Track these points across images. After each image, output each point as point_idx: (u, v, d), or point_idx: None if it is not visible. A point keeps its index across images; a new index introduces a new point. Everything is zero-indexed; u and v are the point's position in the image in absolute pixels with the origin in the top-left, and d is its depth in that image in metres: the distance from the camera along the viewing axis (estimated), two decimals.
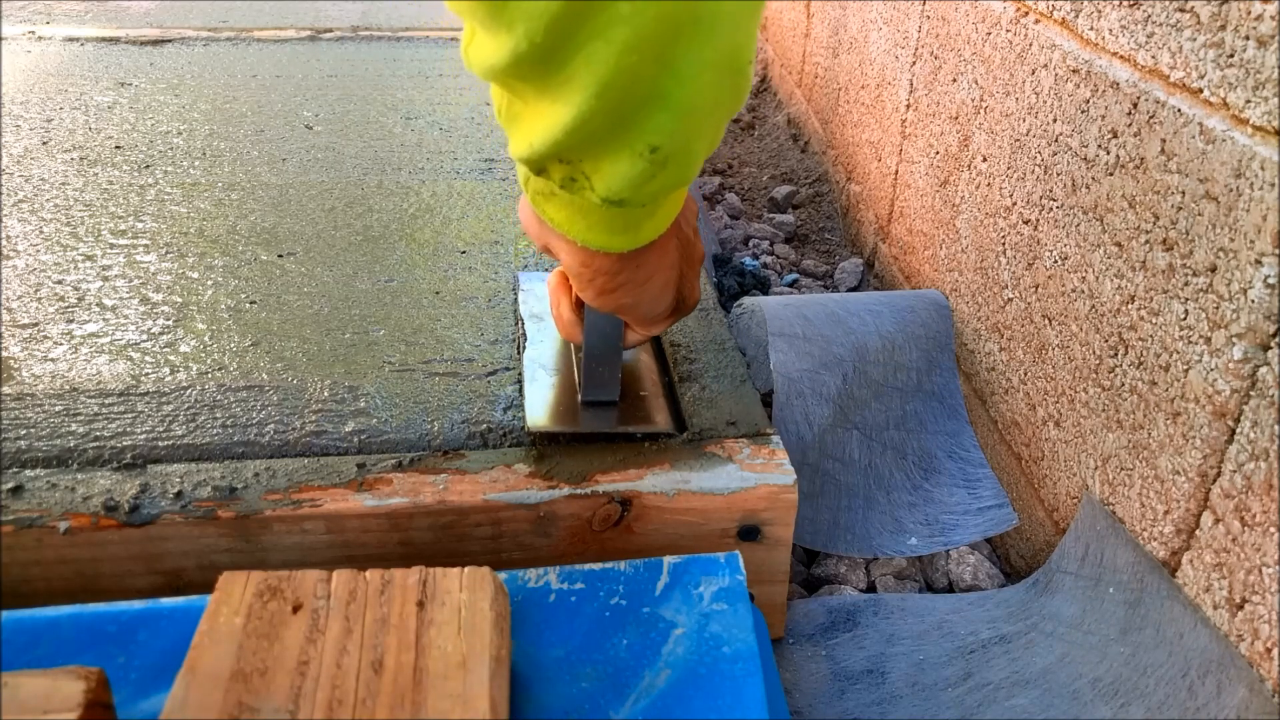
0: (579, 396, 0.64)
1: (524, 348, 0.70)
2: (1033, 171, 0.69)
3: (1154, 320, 0.55)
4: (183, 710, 0.38)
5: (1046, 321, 0.67)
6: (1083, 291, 0.62)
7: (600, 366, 0.62)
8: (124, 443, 0.59)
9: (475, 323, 0.74)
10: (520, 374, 0.67)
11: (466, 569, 0.44)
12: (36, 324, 0.71)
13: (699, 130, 0.41)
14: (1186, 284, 0.51)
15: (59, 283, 0.77)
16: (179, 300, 0.75)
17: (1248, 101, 0.47)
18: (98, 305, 0.74)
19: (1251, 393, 0.47)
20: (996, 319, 0.75)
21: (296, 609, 0.42)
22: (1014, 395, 0.73)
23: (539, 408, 0.63)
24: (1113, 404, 0.59)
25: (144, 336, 0.70)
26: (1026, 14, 0.70)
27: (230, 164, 1.00)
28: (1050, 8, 0.67)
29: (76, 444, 0.59)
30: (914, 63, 0.95)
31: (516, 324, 0.73)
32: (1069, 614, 0.60)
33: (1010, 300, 0.73)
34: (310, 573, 0.44)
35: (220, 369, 0.67)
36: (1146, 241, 0.55)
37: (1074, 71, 0.63)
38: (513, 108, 0.43)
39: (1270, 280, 0.45)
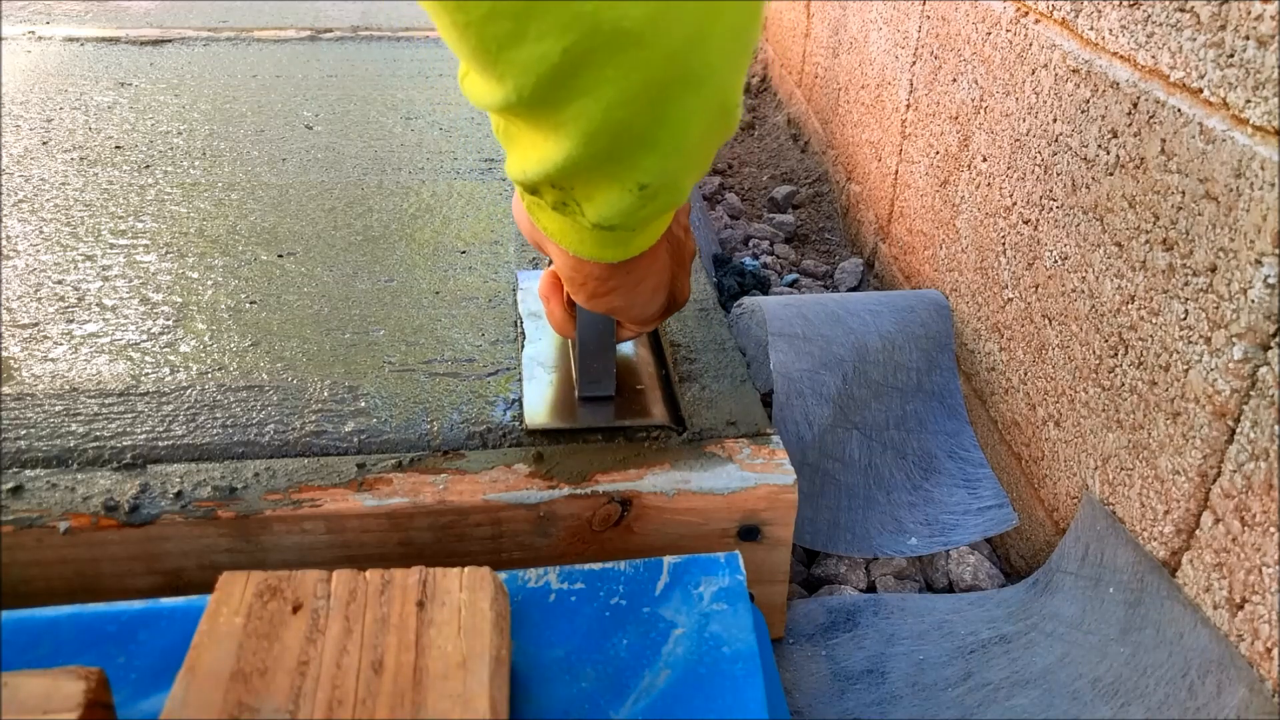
0: (576, 393, 0.64)
1: (523, 346, 0.70)
2: (1033, 171, 0.69)
3: (1154, 320, 0.55)
4: (183, 710, 0.38)
5: (1046, 321, 0.67)
6: (1083, 291, 0.62)
7: (594, 363, 0.62)
8: (124, 443, 0.59)
9: (475, 323, 0.74)
10: (520, 373, 0.67)
11: (466, 569, 0.44)
12: (36, 324, 0.71)
13: (688, 167, 0.42)
14: (1186, 284, 0.51)
15: (59, 283, 0.77)
16: (179, 300, 0.75)
17: (1248, 101, 0.47)
18: (98, 305, 0.74)
19: (1251, 393, 0.47)
20: (996, 319, 0.75)
21: (296, 609, 0.42)
22: (1014, 395, 0.73)
23: (538, 405, 0.64)
24: (1113, 404, 0.59)
25: (144, 336, 0.70)
26: (1026, 14, 0.70)
27: (230, 164, 1.00)
28: (1050, 8, 0.67)
29: (76, 444, 0.59)
30: (914, 63, 0.95)
31: (516, 323, 0.73)
32: (1069, 614, 0.60)
33: (1010, 300, 0.73)
34: (310, 573, 0.44)
35: (220, 369, 0.67)
36: (1146, 241, 0.55)
37: (1074, 71, 0.63)
38: (510, 129, 0.44)
39: (1270, 280, 0.45)
